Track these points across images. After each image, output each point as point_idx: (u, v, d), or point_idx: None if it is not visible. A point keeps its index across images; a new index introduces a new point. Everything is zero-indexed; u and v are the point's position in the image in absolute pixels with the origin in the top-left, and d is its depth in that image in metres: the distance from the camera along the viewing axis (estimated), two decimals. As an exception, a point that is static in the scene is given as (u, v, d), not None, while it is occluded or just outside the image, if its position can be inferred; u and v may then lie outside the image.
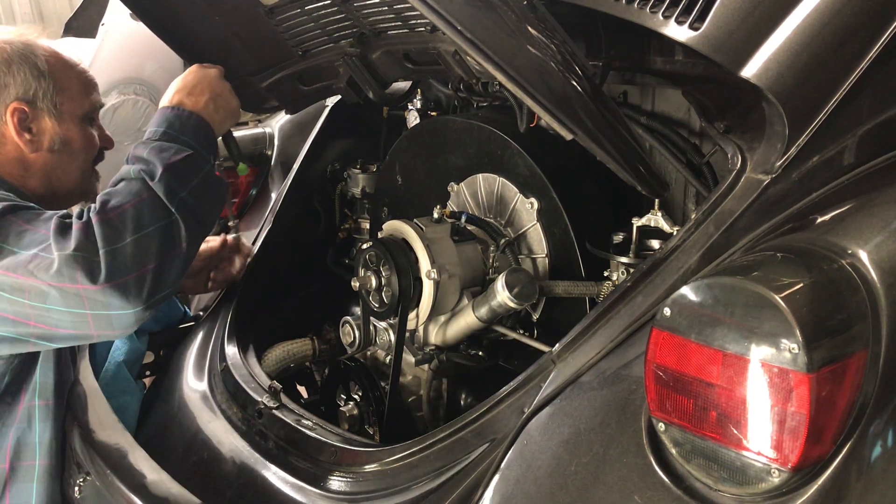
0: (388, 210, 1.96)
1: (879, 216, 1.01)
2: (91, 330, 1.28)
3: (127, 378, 1.75)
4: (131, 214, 1.27)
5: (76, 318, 1.26)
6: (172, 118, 1.42)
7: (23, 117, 1.46)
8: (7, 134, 1.47)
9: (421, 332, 1.59)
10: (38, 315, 1.28)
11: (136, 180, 1.32)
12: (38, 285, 1.24)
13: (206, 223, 1.40)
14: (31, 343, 1.35)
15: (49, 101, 1.48)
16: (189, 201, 1.33)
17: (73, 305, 1.24)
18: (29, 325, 1.30)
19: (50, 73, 1.48)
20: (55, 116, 1.49)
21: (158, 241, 1.27)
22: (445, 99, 2.04)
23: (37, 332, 1.31)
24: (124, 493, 1.35)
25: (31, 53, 1.47)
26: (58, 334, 1.31)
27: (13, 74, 1.45)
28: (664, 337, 0.95)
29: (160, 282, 1.28)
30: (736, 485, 0.90)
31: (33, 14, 6.30)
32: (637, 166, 1.17)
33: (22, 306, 1.27)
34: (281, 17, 1.69)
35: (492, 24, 1.06)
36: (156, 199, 1.30)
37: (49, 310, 1.26)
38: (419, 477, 1.22)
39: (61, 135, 1.51)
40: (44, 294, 1.25)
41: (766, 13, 1.06)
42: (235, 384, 1.63)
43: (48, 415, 1.51)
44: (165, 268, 1.28)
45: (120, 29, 4.21)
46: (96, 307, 1.24)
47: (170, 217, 1.30)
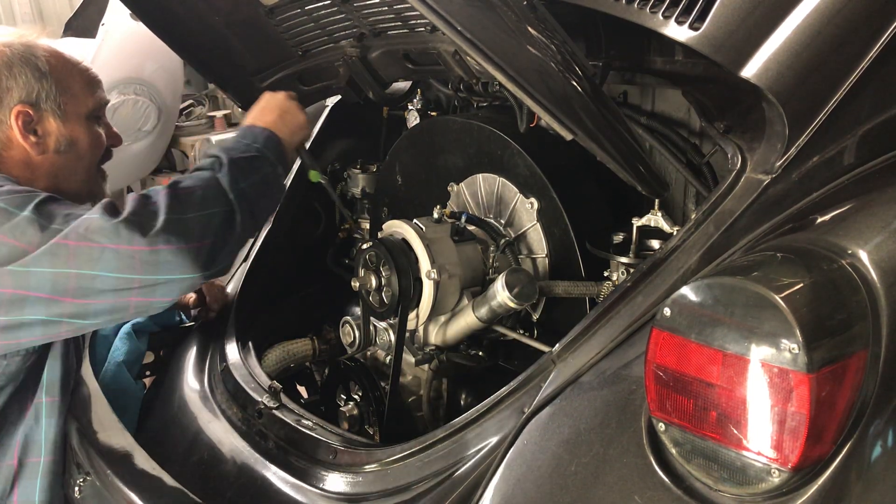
0: (388, 210, 1.96)
1: (879, 216, 1.01)
2: (131, 297, 1.28)
3: (127, 378, 1.76)
4: (198, 195, 1.34)
5: (121, 284, 1.27)
6: (246, 131, 1.53)
7: (27, 120, 1.45)
8: (13, 138, 1.46)
9: (421, 332, 1.59)
10: (79, 287, 1.27)
11: (206, 170, 1.41)
12: (91, 248, 1.25)
13: (259, 217, 1.46)
14: (64, 324, 1.32)
15: (53, 101, 1.47)
16: (248, 193, 1.40)
17: (124, 269, 1.25)
18: (65, 303, 1.28)
19: (52, 74, 1.47)
20: (60, 117, 1.48)
21: (218, 222, 1.33)
22: (445, 99, 2.04)
23: (71, 310, 1.29)
24: (124, 493, 1.35)
25: (32, 55, 1.46)
26: (92, 308, 1.30)
27: (15, 77, 1.43)
28: (664, 337, 0.95)
29: (212, 259, 1.32)
30: (736, 485, 0.90)
31: (33, 14, 6.30)
32: (637, 166, 1.17)
33: (66, 278, 1.26)
34: (281, 17, 1.69)
35: (492, 24, 1.06)
36: (219, 186, 1.37)
37: (94, 277, 1.26)
38: (419, 477, 1.22)
39: (67, 135, 1.50)
40: (95, 259, 1.25)
41: (766, 13, 1.06)
42: (235, 384, 1.63)
43: (54, 411, 1.52)
44: (219, 247, 1.33)
45: (120, 29, 4.21)
46: (147, 271, 1.26)
47: (230, 204, 1.36)
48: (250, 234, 1.44)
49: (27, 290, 1.27)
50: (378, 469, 1.29)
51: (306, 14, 1.66)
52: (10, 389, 1.47)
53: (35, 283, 1.27)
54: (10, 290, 1.27)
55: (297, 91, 1.94)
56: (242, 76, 1.88)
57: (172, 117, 4.75)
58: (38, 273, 1.26)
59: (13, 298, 1.28)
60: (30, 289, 1.27)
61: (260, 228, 1.47)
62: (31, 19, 6.21)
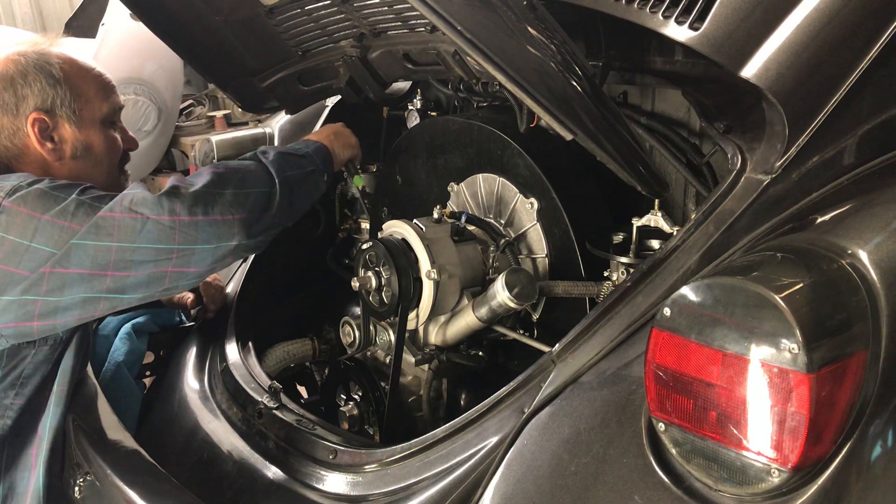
0: (388, 210, 1.96)
1: (879, 216, 1.01)
2: (168, 268, 1.34)
3: (127, 378, 1.76)
4: (239, 175, 1.42)
5: (160, 254, 1.32)
6: (300, 141, 1.66)
7: (43, 127, 1.47)
8: (30, 145, 1.47)
9: (421, 332, 1.59)
10: (119, 260, 1.31)
11: (252, 159, 1.49)
12: (135, 220, 1.31)
13: (296, 205, 1.51)
14: (102, 300, 1.35)
15: (68, 108, 1.48)
16: (292, 181, 1.48)
17: (163, 240, 1.31)
18: (105, 277, 1.32)
19: (66, 80, 1.48)
20: (75, 123, 1.50)
21: (254, 199, 1.40)
22: (445, 99, 2.04)
23: (110, 285, 1.33)
24: (124, 492, 1.35)
25: (46, 62, 1.47)
26: (131, 280, 1.34)
27: (30, 85, 1.45)
28: (664, 337, 0.95)
29: (245, 232, 1.37)
30: (736, 485, 0.90)
31: (33, 14, 6.30)
32: (637, 166, 1.17)
33: (106, 251, 1.31)
34: (281, 17, 1.69)
35: (492, 24, 1.06)
36: (265, 170, 1.46)
37: (135, 250, 1.31)
38: (419, 477, 1.22)
39: (83, 141, 1.51)
40: (137, 231, 1.31)
41: (766, 13, 1.06)
42: (235, 384, 1.63)
43: (61, 401, 1.53)
44: (253, 221, 1.38)
45: (120, 29, 4.21)
46: (185, 240, 1.32)
47: (272, 186, 1.44)
48: (286, 219, 1.48)
49: (68, 268, 1.32)
50: (378, 469, 1.29)
51: (306, 14, 1.66)
52: (37, 379, 1.49)
53: (76, 260, 1.31)
54: (51, 269, 1.31)
55: (297, 91, 1.95)
56: (242, 76, 1.88)
57: (172, 117, 4.75)
58: (81, 248, 1.31)
59: (54, 279, 1.32)
60: (70, 266, 1.32)
61: (295, 218, 1.52)
62: (31, 19, 6.21)
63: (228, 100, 4.38)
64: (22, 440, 1.50)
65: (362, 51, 1.72)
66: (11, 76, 1.44)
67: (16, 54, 1.47)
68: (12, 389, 1.47)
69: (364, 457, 1.33)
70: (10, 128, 1.46)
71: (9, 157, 1.49)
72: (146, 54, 4.33)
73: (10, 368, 1.45)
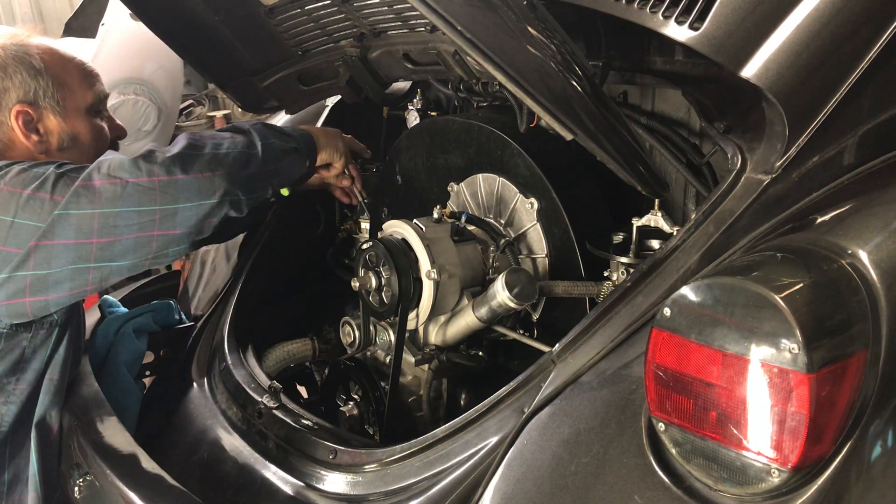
0: (388, 210, 1.96)
1: (879, 216, 1.01)
2: (154, 231, 1.34)
3: (127, 378, 1.75)
4: (216, 139, 1.42)
5: (143, 217, 1.32)
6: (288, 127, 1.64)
7: (27, 119, 1.45)
8: (15, 138, 1.46)
9: (421, 332, 1.58)
10: (102, 226, 1.31)
11: (232, 130, 1.49)
12: (113, 185, 1.31)
13: (279, 176, 1.52)
14: (91, 270, 1.35)
15: (51, 98, 1.47)
16: (274, 148, 1.49)
17: (144, 201, 1.31)
18: (91, 244, 1.33)
19: (47, 70, 1.46)
20: (60, 113, 1.48)
21: (233, 157, 1.40)
22: (445, 99, 2.04)
23: (96, 252, 1.33)
24: (124, 493, 1.35)
25: (26, 53, 1.45)
26: (118, 247, 1.33)
27: (10, 77, 1.43)
28: (664, 337, 0.95)
29: (227, 188, 1.37)
30: (736, 485, 0.90)
31: (33, 14, 6.31)
32: (637, 166, 1.17)
33: (90, 219, 1.31)
34: (281, 17, 1.69)
35: (492, 24, 1.06)
36: (246, 133, 1.47)
37: (117, 214, 1.31)
38: (419, 477, 1.22)
39: (69, 131, 1.51)
40: (116, 195, 1.31)
41: (766, 13, 1.06)
42: (235, 384, 1.63)
43: (50, 389, 1.53)
44: (234, 179, 1.38)
45: (120, 29, 4.21)
46: (165, 200, 1.32)
47: (252, 147, 1.44)
48: (267, 184, 1.49)
49: (53, 239, 1.32)
50: (378, 469, 1.29)
51: (306, 14, 1.66)
52: (37, 364, 1.50)
53: (60, 230, 1.31)
54: (37, 242, 1.31)
55: (297, 91, 1.95)
56: (242, 76, 1.88)
57: (172, 117, 4.75)
58: (64, 218, 1.31)
59: (41, 251, 1.32)
60: (55, 238, 1.32)
61: (277, 188, 1.54)
62: (31, 19, 6.21)
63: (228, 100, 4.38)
64: (25, 427, 1.51)
65: (362, 51, 1.72)
66: None
67: None
68: (13, 375, 1.48)
69: (364, 457, 1.33)
70: None
71: None
72: (146, 54, 4.33)
73: (9, 352, 1.46)
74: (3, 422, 1.48)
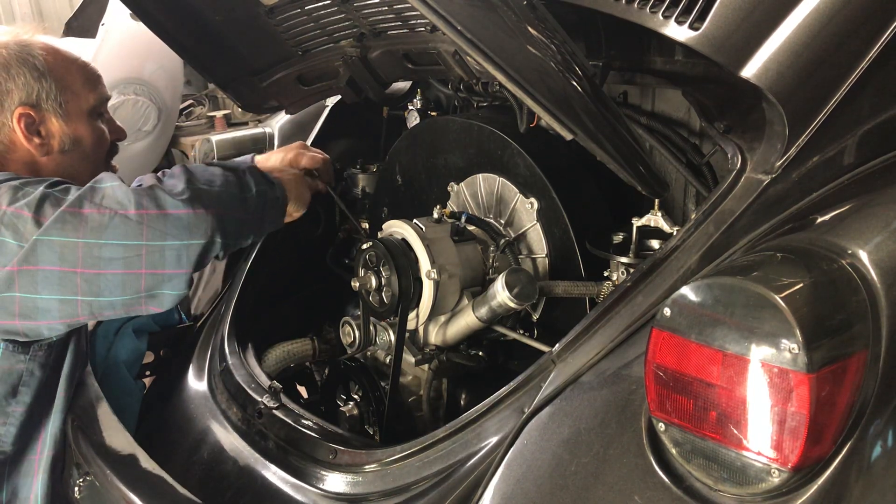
0: (388, 210, 1.96)
1: (879, 216, 1.01)
2: (142, 268, 1.29)
3: (127, 378, 1.75)
4: (211, 174, 1.40)
5: (129, 251, 1.27)
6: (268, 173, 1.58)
7: (30, 122, 1.43)
8: (16, 140, 1.44)
9: (421, 332, 1.58)
10: (87, 256, 1.26)
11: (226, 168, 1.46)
12: (101, 216, 1.27)
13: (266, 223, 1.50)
14: (80, 303, 1.30)
15: (54, 101, 1.45)
16: (266, 196, 1.47)
17: (130, 235, 1.27)
18: (75, 275, 1.27)
19: (50, 72, 1.44)
20: (62, 116, 1.46)
21: (227, 198, 1.37)
22: (445, 99, 2.04)
23: (81, 285, 1.28)
24: (124, 493, 1.35)
25: (29, 54, 1.43)
26: (104, 282, 1.28)
27: (14, 79, 1.41)
28: (664, 337, 0.95)
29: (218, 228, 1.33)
30: (736, 485, 0.90)
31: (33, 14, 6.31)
32: (637, 166, 1.17)
33: (73, 248, 1.26)
34: (281, 17, 1.69)
35: (492, 24, 1.06)
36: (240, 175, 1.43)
37: (102, 246, 1.26)
38: (419, 477, 1.22)
39: (70, 134, 1.48)
40: (103, 226, 1.26)
41: (766, 13, 1.06)
42: (235, 384, 1.63)
43: (61, 406, 1.52)
44: (226, 219, 1.35)
45: (120, 29, 4.22)
46: (153, 236, 1.27)
47: (247, 191, 1.42)
48: (255, 230, 1.46)
49: (37, 264, 1.27)
50: (378, 469, 1.29)
51: (306, 14, 1.66)
52: (36, 386, 1.47)
53: (43, 256, 1.27)
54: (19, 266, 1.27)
55: (297, 91, 1.95)
56: (242, 76, 1.88)
57: (172, 117, 4.76)
58: (46, 244, 1.26)
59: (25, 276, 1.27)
60: (39, 263, 1.27)
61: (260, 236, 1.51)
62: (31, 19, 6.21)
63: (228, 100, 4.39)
64: (25, 446, 1.50)
65: (362, 51, 1.72)
66: None
67: None
68: (13, 396, 1.45)
69: (364, 457, 1.33)
70: None
71: None
72: (146, 54, 4.33)
73: (6, 373, 1.43)
74: (2, 442, 1.46)
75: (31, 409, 1.48)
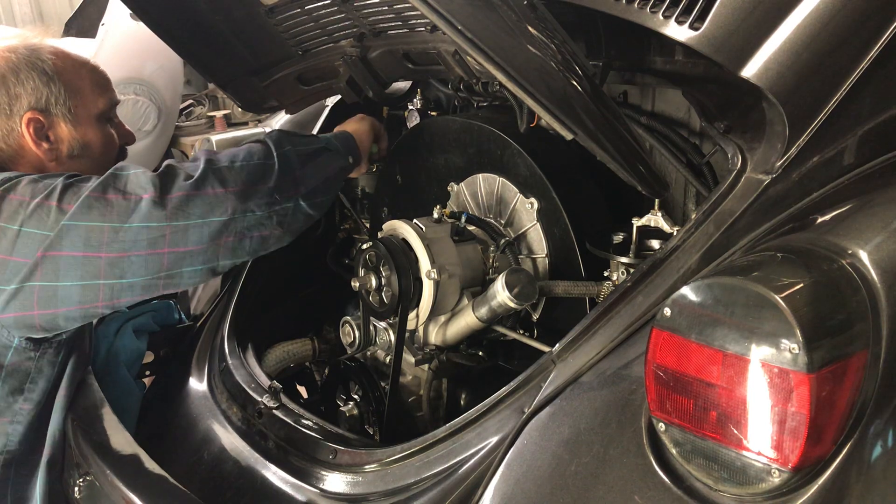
0: (388, 210, 1.96)
1: (879, 216, 1.01)
2: (165, 247, 1.30)
3: (127, 378, 1.76)
4: (232, 153, 1.40)
5: (151, 232, 1.29)
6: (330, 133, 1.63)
7: (38, 126, 1.42)
8: (25, 145, 1.43)
9: (421, 332, 1.58)
10: (112, 241, 1.28)
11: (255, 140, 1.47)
12: (126, 201, 1.29)
13: (308, 181, 1.47)
14: (102, 287, 1.31)
15: (63, 105, 1.44)
16: (293, 155, 1.44)
17: (154, 217, 1.29)
18: (100, 259, 1.28)
19: (60, 77, 1.43)
20: (71, 121, 1.45)
21: (248, 172, 1.37)
22: (445, 99, 2.04)
23: (105, 268, 1.29)
24: (124, 493, 1.35)
25: (38, 59, 1.42)
26: (127, 263, 1.29)
27: (23, 83, 1.40)
28: (664, 337, 0.95)
29: (240, 205, 1.34)
30: (736, 485, 0.90)
31: (33, 14, 6.31)
32: (637, 166, 1.17)
33: (99, 232, 1.28)
34: (281, 17, 1.69)
35: (492, 23, 1.06)
36: (263, 145, 1.44)
37: (127, 229, 1.28)
38: (419, 477, 1.22)
39: (80, 139, 1.47)
40: (128, 210, 1.28)
41: (766, 13, 1.06)
42: (235, 384, 1.63)
43: (62, 405, 1.52)
44: (248, 194, 1.35)
45: (120, 29, 4.22)
46: (176, 216, 1.29)
47: (268, 158, 1.40)
48: (294, 192, 1.44)
49: (61, 250, 1.28)
50: (378, 469, 1.29)
51: (306, 14, 1.66)
52: (43, 384, 1.48)
53: (69, 242, 1.28)
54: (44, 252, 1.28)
55: (297, 91, 1.95)
56: (242, 76, 1.88)
57: (172, 117, 4.76)
58: (73, 229, 1.28)
59: (49, 262, 1.29)
60: (63, 248, 1.28)
61: (314, 196, 1.47)
62: (31, 19, 6.22)
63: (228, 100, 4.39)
64: (31, 446, 1.50)
65: (362, 50, 1.72)
66: (3, 74, 1.40)
67: (5, 51, 1.42)
68: (20, 394, 1.45)
69: (364, 457, 1.33)
70: (3, 129, 1.42)
71: (4, 158, 1.45)
72: (146, 54, 4.33)
73: (16, 369, 1.43)
74: (9, 441, 1.46)
75: (38, 409, 1.48)
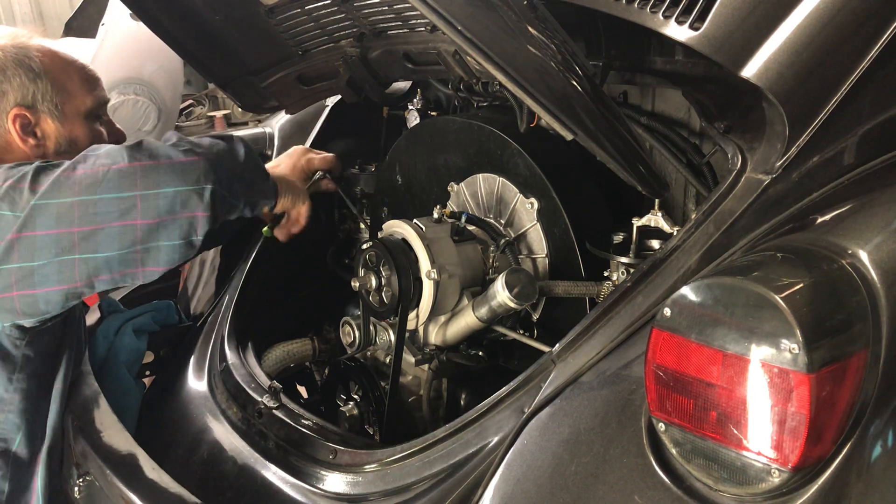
0: (388, 210, 1.96)
1: (879, 216, 1.01)
2: (137, 219, 1.30)
3: (127, 378, 1.75)
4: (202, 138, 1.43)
5: (122, 203, 1.29)
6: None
7: (25, 122, 1.44)
8: (12, 142, 1.45)
9: (421, 332, 1.58)
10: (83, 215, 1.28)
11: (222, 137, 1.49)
12: (94, 173, 1.29)
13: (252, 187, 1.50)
14: (77, 263, 1.31)
15: (49, 102, 1.45)
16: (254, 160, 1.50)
17: (124, 186, 1.28)
18: (72, 234, 1.29)
19: (47, 74, 1.45)
20: (58, 117, 1.47)
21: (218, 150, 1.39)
22: (445, 99, 2.04)
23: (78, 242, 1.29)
24: (124, 493, 1.35)
25: (26, 56, 1.44)
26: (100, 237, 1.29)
27: (9, 80, 1.42)
28: (664, 337, 0.95)
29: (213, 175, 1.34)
30: (736, 485, 0.90)
31: (33, 14, 6.31)
32: (637, 166, 1.17)
33: (69, 208, 1.28)
34: (281, 17, 1.69)
35: (492, 23, 1.06)
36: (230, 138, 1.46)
37: (97, 201, 1.28)
38: (419, 477, 1.22)
39: (66, 135, 1.49)
40: (97, 181, 1.28)
41: (766, 13, 1.06)
42: (235, 384, 1.63)
43: (57, 398, 1.52)
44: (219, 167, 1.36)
45: (120, 29, 4.22)
46: (146, 185, 1.29)
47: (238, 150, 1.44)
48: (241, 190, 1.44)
49: (35, 230, 1.29)
50: (378, 469, 1.29)
51: (306, 14, 1.66)
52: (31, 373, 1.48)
53: (41, 221, 1.29)
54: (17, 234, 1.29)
55: (297, 91, 1.95)
56: (242, 76, 1.88)
57: (172, 117, 4.76)
58: (44, 208, 1.28)
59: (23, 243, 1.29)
60: (37, 228, 1.29)
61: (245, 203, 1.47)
62: (31, 19, 6.22)
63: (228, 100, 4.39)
64: (27, 437, 1.50)
65: (362, 50, 1.72)
66: None
67: None
68: (9, 383, 1.46)
69: (364, 457, 1.33)
70: None
71: None
72: (146, 54, 4.34)
73: (2, 358, 1.44)
74: (3, 430, 1.47)
75: (29, 398, 1.48)
